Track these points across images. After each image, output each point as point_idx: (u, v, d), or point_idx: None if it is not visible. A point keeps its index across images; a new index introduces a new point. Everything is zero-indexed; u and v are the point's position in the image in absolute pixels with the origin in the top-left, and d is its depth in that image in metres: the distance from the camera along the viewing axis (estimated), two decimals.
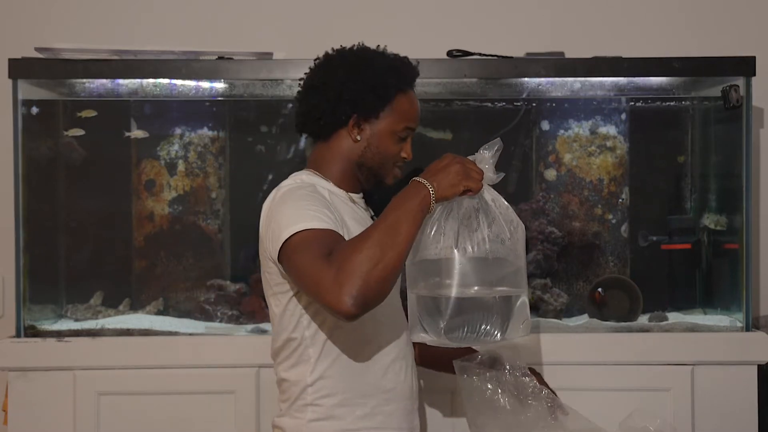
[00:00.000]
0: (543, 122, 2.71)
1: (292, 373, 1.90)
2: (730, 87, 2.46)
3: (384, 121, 1.92)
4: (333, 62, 1.95)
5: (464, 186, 1.74)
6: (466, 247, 1.76)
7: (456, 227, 1.76)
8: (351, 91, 1.89)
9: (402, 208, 1.70)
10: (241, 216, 2.75)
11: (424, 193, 1.72)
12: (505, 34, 2.89)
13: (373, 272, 1.63)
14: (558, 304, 2.60)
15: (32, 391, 2.42)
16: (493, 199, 1.81)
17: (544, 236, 2.65)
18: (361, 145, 1.93)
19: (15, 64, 2.47)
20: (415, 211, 1.70)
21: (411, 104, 1.95)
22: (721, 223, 2.60)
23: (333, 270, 1.64)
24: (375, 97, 1.90)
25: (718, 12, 2.91)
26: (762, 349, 2.45)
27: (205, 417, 2.43)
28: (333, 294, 1.63)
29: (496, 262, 1.77)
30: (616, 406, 2.33)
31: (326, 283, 1.64)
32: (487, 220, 1.78)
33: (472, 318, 1.76)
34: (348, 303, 1.62)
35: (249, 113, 2.78)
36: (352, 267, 1.63)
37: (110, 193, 2.73)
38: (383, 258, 1.64)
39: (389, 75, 1.91)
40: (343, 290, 1.62)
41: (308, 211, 1.78)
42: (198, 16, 2.90)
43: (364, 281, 1.62)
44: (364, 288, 1.62)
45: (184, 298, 2.67)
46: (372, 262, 1.63)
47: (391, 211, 1.71)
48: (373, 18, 2.89)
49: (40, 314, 2.57)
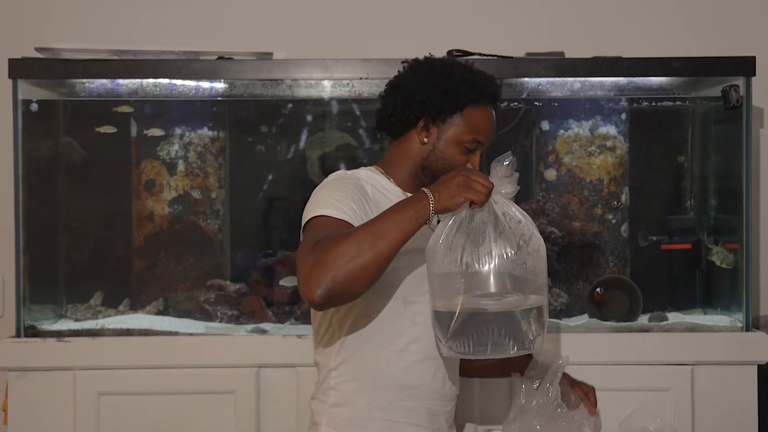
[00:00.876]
0: (543, 122, 2.71)
1: (321, 355, 1.94)
2: (730, 87, 2.46)
3: (452, 129, 1.93)
4: (417, 66, 2.00)
5: (464, 197, 1.74)
6: (470, 261, 1.75)
7: (463, 241, 1.76)
8: (422, 92, 1.92)
9: (396, 213, 1.72)
10: (241, 216, 2.76)
11: (424, 203, 1.73)
12: (505, 34, 2.89)
13: (344, 269, 1.66)
14: (558, 304, 2.60)
15: (32, 391, 2.42)
16: (504, 213, 1.80)
17: (544, 236, 2.64)
18: (427, 148, 1.94)
19: (15, 64, 2.47)
20: (408, 219, 1.71)
21: (484, 119, 1.95)
22: (727, 261, 2.60)
23: (311, 258, 1.68)
24: (444, 102, 1.92)
25: (718, 12, 2.91)
26: (762, 349, 2.45)
27: (205, 417, 2.43)
28: (305, 281, 1.69)
29: (502, 277, 1.76)
30: (616, 406, 2.32)
31: (303, 270, 1.69)
32: (494, 234, 1.77)
33: (476, 331, 1.76)
34: (314, 293, 1.67)
35: (249, 113, 2.78)
36: (327, 259, 1.67)
37: (110, 193, 2.74)
38: (359, 257, 1.67)
39: (463, 84, 1.92)
40: (313, 280, 1.67)
41: (332, 200, 1.82)
42: (198, 16, 2.90)
43: (333, 275, 1.66)
44: (332, 282, 1.66)
45: (184, 298, 2.67)
46: (346, 259, 1.66)
47: (385, 214, 1.73)
48: (373, 18, 2.90)
49: (40, 314, 2.57)
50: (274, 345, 2.44)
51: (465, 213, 1.78)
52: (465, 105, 1.92)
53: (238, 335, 2.51)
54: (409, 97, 1.93)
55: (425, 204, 1.72)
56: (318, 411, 1.93)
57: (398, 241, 1.71)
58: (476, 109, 1.94)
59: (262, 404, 2.43)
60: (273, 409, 2.42)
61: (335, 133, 2.77)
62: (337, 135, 2.77)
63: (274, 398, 2.42)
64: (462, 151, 1.94)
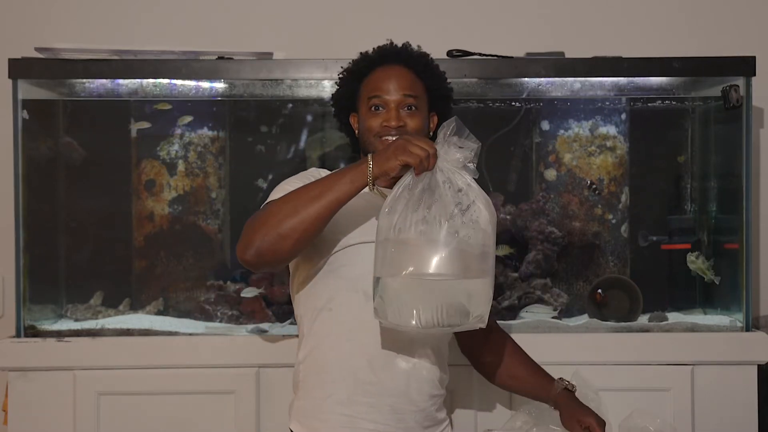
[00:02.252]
0: (543, 122, 2.71)
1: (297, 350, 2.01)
2: (730, 87, 2.46)
3: (360, 108, 2.04)
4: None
5: (400, 160, 1.73)
6: (401, 227, 1.71)
7: (401, 208, 1.73)
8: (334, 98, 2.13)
9: (333, 177, 1.78)
10: (241, 216, 2.75)
11: (362, 167, 1.76)
12: (505, 34, 2.89)
13: (274, 228, 1.72)
14: (558, 304, 2.60)
15: (32, 391, 2.42)
16: (446, 181, 1.74)
17: (544, 236, 2.65)
18: (359, 134, 2.05)
19: (15, 64, 2.47)
20: (344, 182, 1.75)
21: (377, 79, 2.01)
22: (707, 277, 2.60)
23: (249, 224, 1.77)
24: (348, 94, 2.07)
25: (718, 12, 2.91)
26: (762, 349, 2.45)
27: (205, 417, 2.43)
28: (240, 244, 1.77)
29: (429, 245, 1.70)
30: (616, 406, 2.33)
31: (242, 237, 1.78)
32: (430, 200, 1.72)
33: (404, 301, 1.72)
34: (245, 251, 1.75)
35: (249, 113, 2.78)
36: (260, 221, 1.75)
37: (110, 193, 2.73)
38: (291, 216, 1.72)
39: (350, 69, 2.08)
40: (245, 238, 1.75)
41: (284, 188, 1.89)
42: (198, 16, 2.90)
43: (263, 234, 1.73)
44: (260, 240, 1.73)
45: (184, 298, 2.67)
46: (278, 218, 1.73)
47: (323, 178, 1.79)
48: (373, 18, 2.89)
49: (40, 314, 2.57)
50: (274, 345, 2.44)
51: (410, 180, 1.75)
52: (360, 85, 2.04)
53: (238, 335, 2.51)
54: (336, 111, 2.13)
55: (363, 168, 1.75)
56: (291, 404, 1.99)
57: (332, 203, 1.74)
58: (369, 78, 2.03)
59: (262, 404, 2.43)
60: (273, 409, 2.42)
61: (335, 133, 2.76)
62: (337, 135, 2.76)
63: (274, 398, 2.42)
64: (372, 115, 1.99)
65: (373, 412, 1.89)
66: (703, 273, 2.59)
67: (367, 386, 1.89)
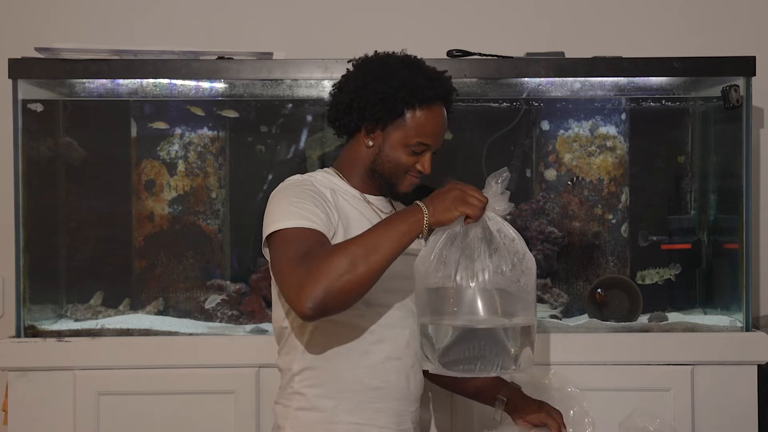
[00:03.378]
0: (543, 122, 2.71)
1: (283, 359, 1.96)
2: (730, 87, 2.46)
3: (395, 132, 1.91)
4: (359, 67, 1.97)
5: (459, 211, 1.74)
6: (465, 276, 1.76)
7: (457, 256, 1.76)
8: (360, 99, 1.90)
9: (389, 226, 1.73)
10: (241, 216, 2.76)
11: (418, 216, 1.73)
12: (505, 34, 2.89)
13: (338, 282, 1.67)
14: (558, 304, 2.60)
15: (32, 391, 2.42)
16: (499, 230, 1.80)
17: (544, 236, 2.65)
18: (373, 151, 1.94)
19: (15, 64, 2.47)
20: (401, 232, 1.72)
21: (428, 121, 1.91)
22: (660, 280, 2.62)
23: (303, 270, 1.69)
24: (381, 110, 1.89)
25: (718, 12, 2.91)
26: (762, 349, 2.45)
27: (205, 417, 2.43)
28: (295, 293, 1.69)
29: (494, 293, 1.77)
30: (616, 406, 2.33)
31: (293, 282, 1.70)
32: (489, 250, 1.77)
33: (467, 349, 1.76)
34: (306, 305, 1.68)
35: (249, 113, 2.78)
36: (320, 272, 1.67)
37: (110, 193, 2.74)
38: (352, 270, 1.68)
39: (402, 89, 1.88)
40: (305, 292, 1.68)
41: (295, 208, 1.81)
42: (198, 16, 2.90)
43: (326, 289, 1.67)
44: (324, 295, 1.67)
45: (184, 298, 2.67)
46: (339, 272, 1.67)
47: (378, 227, 1.74)
48: (373, 18, 2.90)
49: (40, 314, 2.57)
50: (274, 345, 2.43)
51: (459, 228, 1.77)
52: (405, 110, 1.90)
53: (238, 335, 2.51)
54: (349, 104, 1.91)
55: (419, 218, 1.73)
56: (282, 415, 1.93)
57: (391, 255, 1.71)
58: (419, 112, 1.90)
59: (262, 404, 2.43)
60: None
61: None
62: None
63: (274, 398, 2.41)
64: (409, 153, 1.92)
65: (380, 417, 1.90)
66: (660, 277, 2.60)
67: (373, 392, 1.89)
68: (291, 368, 1.92)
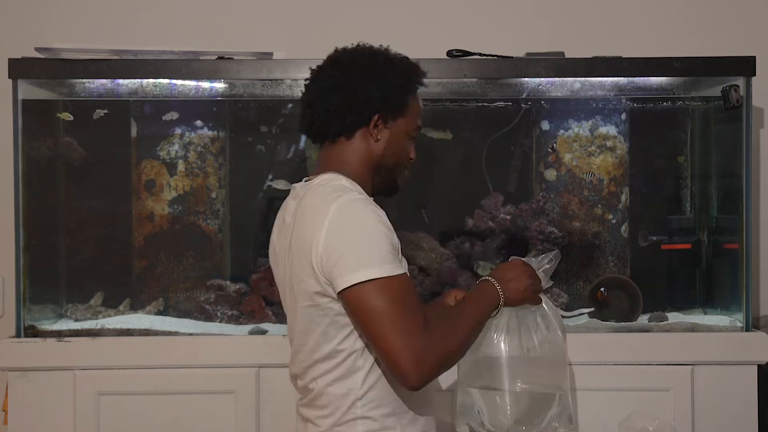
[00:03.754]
0: (543, 122, 2.71)
1: (338, 386, 1.82)
2: (730, 87, 2.46)
3: (401, 121, 1.92)
4: (355, 61, 1.91)
5: (529, 301, 1.94)
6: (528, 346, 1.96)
7: (518, 327, 1.96)
8: (380, 87, 1.87)
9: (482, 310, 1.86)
10: (241, 216, 2.76)
11: (499, 301, 1.88)
12: (505, 34, 2.89)
13: (449, 363, 1.79)
14: (558, 304, 2.60)
15: (32, 391, 2.42)
16: (546, 303, 1.99)
17: (544, 236, 2.65)
18: (380, 145, 1.90)
19: (15, 64, 2.47)
20: (487, 314, 1.88)
21: (418, 104, 1.97)
22: None
23: (422, 344, 1.71)
24: (400, 95, 1.90)
25: (718, 12, 2.91)
26: (762, 349, 2.45)
27: (205, 417, 2.43)
28: (409, 365, 1.70)
29: (549, 363, 1.98)
30: (616, 406, 2.33)
31: (408, 351, 1.70)
32: (545, 323, 1.98)
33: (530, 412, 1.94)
34: (418, 380, 1.72)
35: (249, 113, 2.78)
36: (440, 355, 1.74)
37: (110, 193, 2.73)
38: (461, 354, 1.81)
39: (406, 76, 1.92)
40: (422, 368, 1.71)
41: (384, 250, 1.75)
42: (198, 16, 2.90)
43: (438, 368, 1.75)
44: (436, 373, 1.76)
45: (184, 298, 2.67)
46: (455, 358, 1.80)
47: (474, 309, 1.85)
48: (373, 18, 2.89)
49: (40, 314, 2.57)
50: (274, 345, 2.44)
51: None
52: (409, 95, 1.93)
53: (238, 335, 2.51)
54: (365, 96, 1.86)
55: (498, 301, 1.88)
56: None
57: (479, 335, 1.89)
58: (414, 97, 1.94)
59: (262, 404, 2.43)
60: (273, 409, 2.42)
61: None
62: None
63: (274, 398, 2.42)
64: (408, 140, 1.95)
65: (428, 422, 1.92)
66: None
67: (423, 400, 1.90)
68: (353, 392, 1.81)
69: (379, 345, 1.72)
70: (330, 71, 1.91)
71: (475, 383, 1.96)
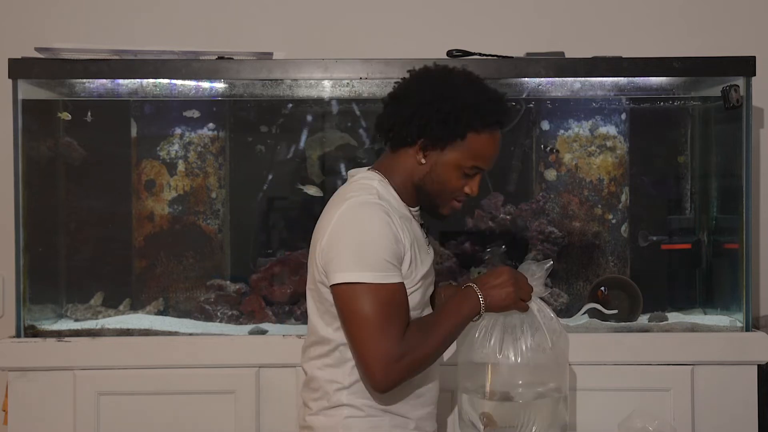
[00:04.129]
0: (543, 122, 2.71)
1: (327, 372, 1.90)
2: (730, 87, 2.46)
3: (451, 154, 1.87)
4: (422, 80, 1.90)
5: (512, 308, 1.92)
6: (509, 354, 1.94)
7: (501, 335, 1.95)
8: (422, 115, 1.84)
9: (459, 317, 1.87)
10: (241, 216, 2.76)
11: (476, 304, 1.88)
12: (505, 34, 2.89)
13: (419, 370, 1.83)
14: (558, 304, 2.60)
15: (32, 391, 2.42)
16: (539, 310, 1.97)
17: (544, 236, 2.65)
18: (424, 168, 1.89)
19: (15, 64, 2.47)
20: (465, 318, 1.88)
21: (486, 145, 1.87)
22: None
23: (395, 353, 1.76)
24: (444, 129, 1.84)
25: (718, 12, 2.91)
26: (762, 349, 2.45)
27: (205, 417, 2.43)
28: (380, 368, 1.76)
29: (536, 370, 1.96)
30: (616, 406, 2.33)
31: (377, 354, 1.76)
32: (531, 329, 1.95)
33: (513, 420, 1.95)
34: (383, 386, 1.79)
35: (249, 113, 2.78)
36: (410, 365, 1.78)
37: (110, 193, 2.73)
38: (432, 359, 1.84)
39: (467, 111, 1.84)
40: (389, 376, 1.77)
41: (381, 257, 1.78)
42: (198, 16, 2.90)
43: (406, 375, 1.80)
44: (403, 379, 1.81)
45: (184, 298, 2.67)
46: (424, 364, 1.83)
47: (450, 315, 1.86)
48: (373, 18, 2.90)
49: (40, 314, 2.57)
50: (274, 345, 2.44)
51: None
52: (467, 132, 1.85)
53: (238, 335, 2.51)
54: (409, 117, 1.85)
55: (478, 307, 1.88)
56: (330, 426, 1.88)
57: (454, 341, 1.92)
58: (480, 135, 1.86)
59: (262, 404, 2.43)
60: (273, 409, 2.42)
61: (335, 133, 2.77)
62: (337, 135, 2.77)
63: (274, 398, 2.42)
64: (460, 175, 1.89)
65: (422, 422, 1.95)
66: None
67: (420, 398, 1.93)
68: (339, 381, 1.88)
69: (355, 346, 1.79)
70: (404, 82, 1.93)
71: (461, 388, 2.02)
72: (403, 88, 1.91)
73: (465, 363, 1.99)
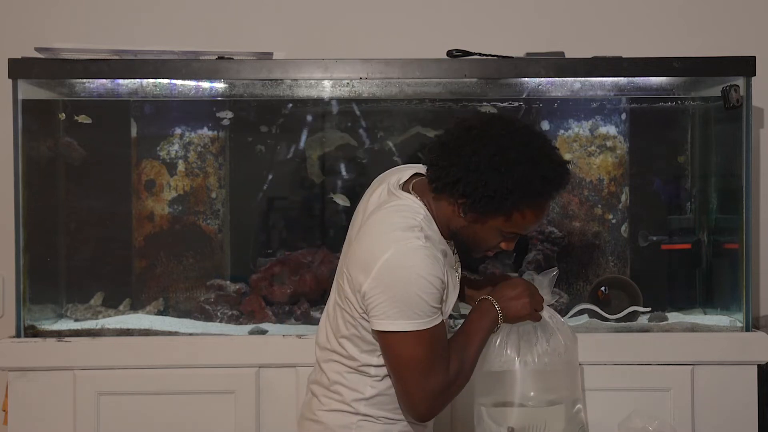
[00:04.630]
0: (543, 122, 2.71)
1: (348, 380, 1.92)
2: (730, 87, 2.46)
3: (492, 221, 1.83)
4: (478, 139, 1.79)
5: (528, 319, 1.99)
6: (527, 360, 2.00)
7: (517, 342, 2.01)
8: (468, 183, 1.78)
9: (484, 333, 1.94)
10: (241, 216, 2.76)
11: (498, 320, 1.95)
12: (505, 34, 2.89)
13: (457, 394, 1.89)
14: (558, 304, 2.60)
15: (32, 391, 2.42)
16: (551, 316, 2.04)
17: (544, 236, 2.65)
18: (462, 222, 1.84)
19: (15, 64, 2.47)
20: (488, 335, 1.96)
21: (530, 220, 1.83)
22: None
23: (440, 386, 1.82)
24: (487, 206, 1.79)
25: (718, 12, 2.91)
26: (762, 349, 2.45)
27: (205, 417, 2.43)
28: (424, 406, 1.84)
29: (553, 374, 2.02)
30: (616, 406, 2.33)
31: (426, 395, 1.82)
32: (545, 335, 2.02)
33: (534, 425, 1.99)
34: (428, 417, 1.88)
35: (249, 113, 2.78)
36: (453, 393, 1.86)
37: (110, 193, 2.73)
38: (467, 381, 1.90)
39: (515, 194, 1.77)
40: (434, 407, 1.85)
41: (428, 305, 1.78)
42: (198, 16, 2.90)
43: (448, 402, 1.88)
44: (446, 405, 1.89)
45: (184, 298, 2.67)
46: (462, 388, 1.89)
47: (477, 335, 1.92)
48: (373, 18, 2.90)
49: (40, 314, 2.57)
50: (274, 345, 2.44)
51: None
52: (512, 211, 1.80)
53: (238, 335, 2.51)
54: (455, 179, 1.78)
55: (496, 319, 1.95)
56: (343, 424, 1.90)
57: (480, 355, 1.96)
58: (527, 210, 1.82)
59: (262, 404, 2.43)
60: (273, 409, 2.42)
61: (335, 133, 2.77)
62: (337, 135, 2.77)
63: (274, 398, 2.42)
64: (499, 237, 1.86)
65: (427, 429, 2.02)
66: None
67: None
68: (360, 392, 1.90)
69: (401, 384, 1.84)
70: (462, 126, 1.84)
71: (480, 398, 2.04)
72: (457, 137, 1.82)
73: (482, 374, 2.01)
